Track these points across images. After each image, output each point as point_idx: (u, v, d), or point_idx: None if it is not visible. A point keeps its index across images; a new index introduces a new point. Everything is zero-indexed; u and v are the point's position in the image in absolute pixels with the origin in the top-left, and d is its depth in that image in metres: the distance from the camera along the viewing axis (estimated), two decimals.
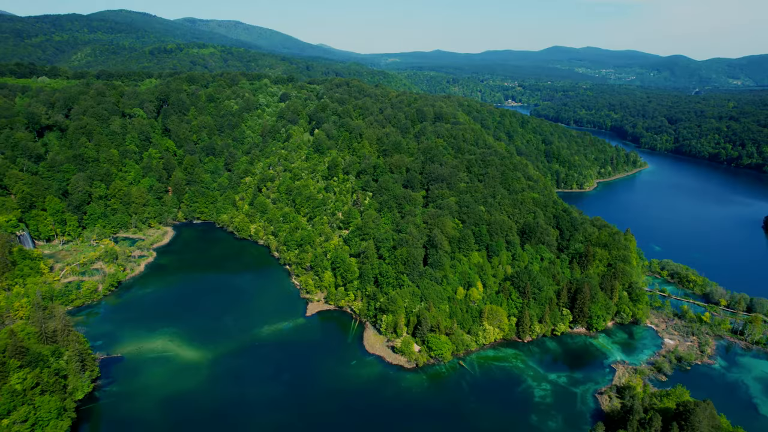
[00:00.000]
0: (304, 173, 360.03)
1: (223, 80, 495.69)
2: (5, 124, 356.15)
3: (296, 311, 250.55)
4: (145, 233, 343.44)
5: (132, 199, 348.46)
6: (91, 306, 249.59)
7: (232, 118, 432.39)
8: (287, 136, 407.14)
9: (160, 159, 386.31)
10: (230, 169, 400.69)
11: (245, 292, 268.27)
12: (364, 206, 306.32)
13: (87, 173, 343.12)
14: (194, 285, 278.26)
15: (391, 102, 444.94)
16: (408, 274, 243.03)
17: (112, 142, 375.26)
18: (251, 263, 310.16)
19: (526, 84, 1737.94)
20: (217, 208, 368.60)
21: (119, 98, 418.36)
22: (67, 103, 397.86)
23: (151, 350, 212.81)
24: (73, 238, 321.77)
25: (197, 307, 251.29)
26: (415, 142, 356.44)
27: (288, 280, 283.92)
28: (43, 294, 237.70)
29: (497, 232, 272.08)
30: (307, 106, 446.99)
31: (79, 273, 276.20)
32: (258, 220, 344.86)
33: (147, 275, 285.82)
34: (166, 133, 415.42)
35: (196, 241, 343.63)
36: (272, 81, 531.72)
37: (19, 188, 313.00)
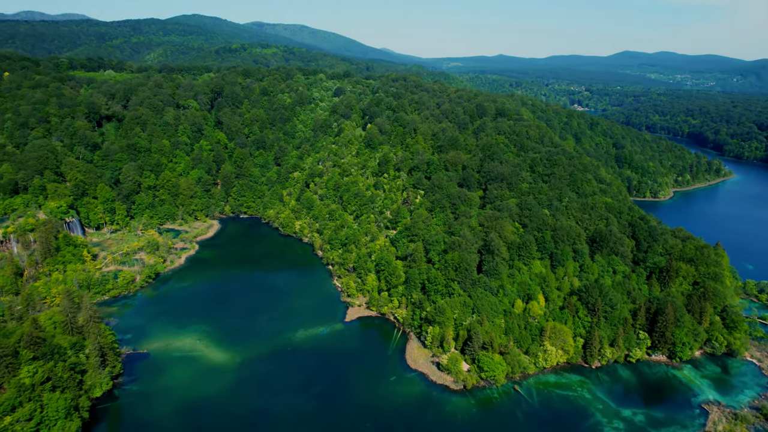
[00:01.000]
0: (353, 169, 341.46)
1: (278, 74, 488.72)
2: (67, 114, 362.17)
3: (335, 316, 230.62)
4: (191, 225, 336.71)
5: (180, 191, 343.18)
6: (127, 297, 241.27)
7: (284, 112, 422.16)
8: (339, 130, 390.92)
9: (210, 151, 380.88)
10: (279, 164, 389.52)
11: (283, 292, 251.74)
12: (415, 205, 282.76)
13: (138, 163, 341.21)
14: (232, 281, 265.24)
15: (449, 97, 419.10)
16: (459, 282, 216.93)
17: (164, 132, 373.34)
18: (293, 261, 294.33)
19: (593, 88, 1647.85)
20: (264, 203, 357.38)
21: (175, 90, 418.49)
22: (127, 94, 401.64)
23: (178, 348, 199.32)
24: (121, 228, 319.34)
25: (232, 304, 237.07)
26: (473, 138, 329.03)
27: (329, 281, 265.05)
28: (80, 282, 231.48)
29: (563, 239, 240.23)
30: (361, 101, 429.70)
31: (120, 263, 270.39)
32: (304, 216, 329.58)
33: (186, 268, 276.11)
34: (219, 125, 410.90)
35: (240, 235, 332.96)
36: (328, 76, 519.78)
37: (73, 175, 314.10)
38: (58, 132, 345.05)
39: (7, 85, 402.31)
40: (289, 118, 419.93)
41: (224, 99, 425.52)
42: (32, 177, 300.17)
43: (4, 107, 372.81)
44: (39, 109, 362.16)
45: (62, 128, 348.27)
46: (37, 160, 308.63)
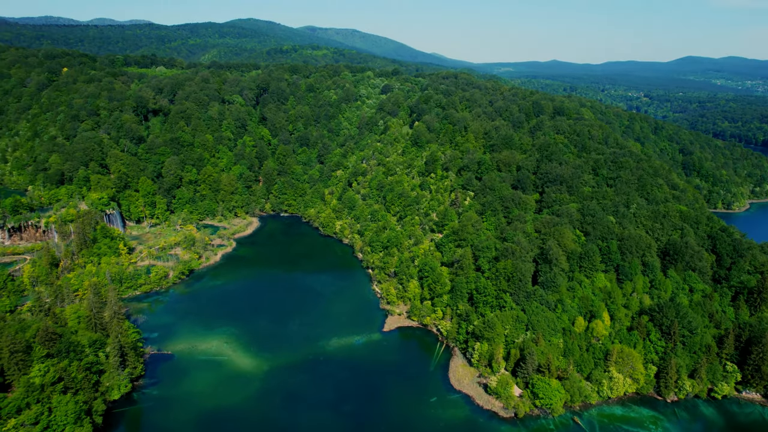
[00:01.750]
0: (398, 168, 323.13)
1: (325, 71, 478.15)
2: (116, 107, 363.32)
3: (372, 324, 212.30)
4: (230, 222, 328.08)
5: (221, 186, 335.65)
6: (159, 293, 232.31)
7: (329, 109, 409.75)
8: (385, 128, 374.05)
9: (253, 147, 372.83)
10: (322, 161, 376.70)
11: (319, 295, 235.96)
12: (464, 207, 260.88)
13: (180, 157, 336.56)
14: (267, 281, 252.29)
15: (503, 95, 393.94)
16: (512, 294, 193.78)
17: (208, 127, 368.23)
18: (332, 263, 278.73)
19: (653, 94, 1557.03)
20: (305, 202, 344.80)
21: (221, 85, 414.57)
22: (174, 88, 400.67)
23: (204, 351, 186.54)
24: (161, 222, 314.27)
25: (264, 306, 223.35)
26: (529, 137, 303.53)
27: (368, 286, 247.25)
28: (113, 276, 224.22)
29: (631, 250, 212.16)
30: (409, 98, 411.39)
31: (155, 257, 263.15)
32: (345, 216, 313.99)
33: (221, 266, 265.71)
34: (263, 121, 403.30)
35: (279, 234, 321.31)
36: (376, 74, 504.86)
37: (116, 167, 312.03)
38: (106, 125, 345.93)
39: (64, 79, 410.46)
40: (334, 115, 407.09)
41: (270, 95, 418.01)
42: (77, 168, 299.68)
43: (59, 100, 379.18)
44: (90, 103, 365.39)
45: (110, 121, 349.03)
46: (84, 151, 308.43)
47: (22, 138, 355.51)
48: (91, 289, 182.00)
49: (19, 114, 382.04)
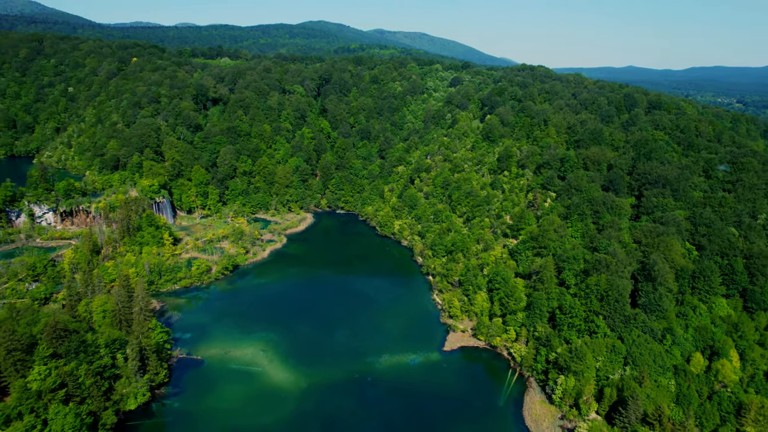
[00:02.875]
0: (467, 164, 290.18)
1: (391, 63, 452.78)
2: (176, 95, 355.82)
3: (431, 341, 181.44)
4: (283, 217, 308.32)
5: (276, 179, 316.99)
6: (199, 289, 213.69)
7: (394, 101, 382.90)
8: (453, 121, 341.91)
9: (311, 139, 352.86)
10: (383, 156, 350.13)
11: (372, 303, 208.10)
12: (544, 210, 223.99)
13: (236, 147, 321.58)
14: (315, 283, 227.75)
15: (587, 88, 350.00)
16: (606, 317, 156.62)
17: (266, 117, 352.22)
18: (387, 267, 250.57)
19: (747, 100, 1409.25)
20: (362, 198, 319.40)
21: (283, 75, 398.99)
22: (235, 77, 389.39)
23: (237, 359, 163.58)
24: (212, 213, 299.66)
25: (310, 311, 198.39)
26: (621, 132, 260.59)
27: (428, 295, 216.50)
28: (152, 267, 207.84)
29: (763, 271, 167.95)
30: (480, 91, 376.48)
31: (201, 250, 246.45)
32: (405, 216, 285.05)
33: (268, 263, 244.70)
34: (323, 113, 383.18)
35: (333, 232, 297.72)
36: (444, 67, 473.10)
37: (171, 155, 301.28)
38: (164, 112, 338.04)
39: (132, 68, 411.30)
40: (398, 108, 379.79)
41: (332, 85, 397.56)
42: (132, 154, 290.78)
43: (124, 88, 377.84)
44: (152, 90, 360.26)
45: (169, 108, 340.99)
46: (140, 137, 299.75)
47: (87, 124, 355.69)
48: (120, 281, 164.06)
49: (88, 101, 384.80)
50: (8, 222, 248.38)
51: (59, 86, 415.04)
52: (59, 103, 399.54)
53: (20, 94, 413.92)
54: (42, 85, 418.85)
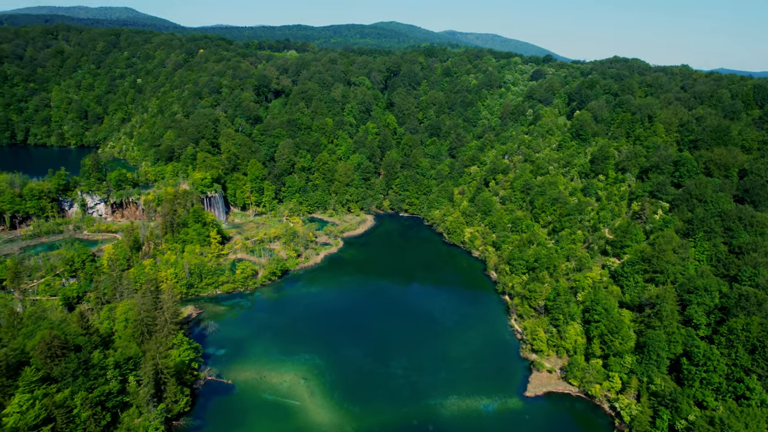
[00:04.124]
0: (552, 166, 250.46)
1: (465, 55, 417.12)
2: (237, 85, 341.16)
3: (509, 381, 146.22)
4: (341, 218, 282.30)
5: (336, 176, 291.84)
6: (243, 295, 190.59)
7: (467, 95, 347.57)
8: (535, 118, 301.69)
9: (376, 135, 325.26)
10: (454, 155, 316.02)
11: (436, 325, 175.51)
12: (654, 223, 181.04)
13: (296, 140, 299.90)
14: (372, 296, 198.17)
15: (698, 80, 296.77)
16: (761, 376, 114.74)
17: (329, 110, 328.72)
18: (455, 281, 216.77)
19: None
20: (429, 201, 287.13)
21: (349, 66, 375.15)
22: (299, 69, 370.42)
23: (274, 387, 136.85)
24: (266, 211, 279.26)
25: (364, 331, 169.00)
26: (755, 130, 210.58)
27: (504, 319, 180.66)
28: (192, 268, 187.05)
29: None
30: (567, 84, 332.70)
31: (249, 251, 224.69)
32: (477, 222, 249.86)
33: (321, 269, 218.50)
34: (390, 107, 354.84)
35: (395, 236, 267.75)
36: (524, 60, 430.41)
37: (227, 147, 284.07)
38: (224, 102, 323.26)
39: (197, 59, 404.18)
40: (472, 103, 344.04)
41: (400, 78, 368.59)
42: (187, 145, 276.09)
43: (188, 79, 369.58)
44: (214, 81, 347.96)
45: (230, 99, 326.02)
46: (197, 128, 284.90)
47: (149, 114, 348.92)
48: (146, 285, 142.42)
49: (153, 92, 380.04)
50: (60, 212, 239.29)
51: (129, 78, 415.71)
52: (128, 94, 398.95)
53: (94, 86, 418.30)
54: (114, 77, 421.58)
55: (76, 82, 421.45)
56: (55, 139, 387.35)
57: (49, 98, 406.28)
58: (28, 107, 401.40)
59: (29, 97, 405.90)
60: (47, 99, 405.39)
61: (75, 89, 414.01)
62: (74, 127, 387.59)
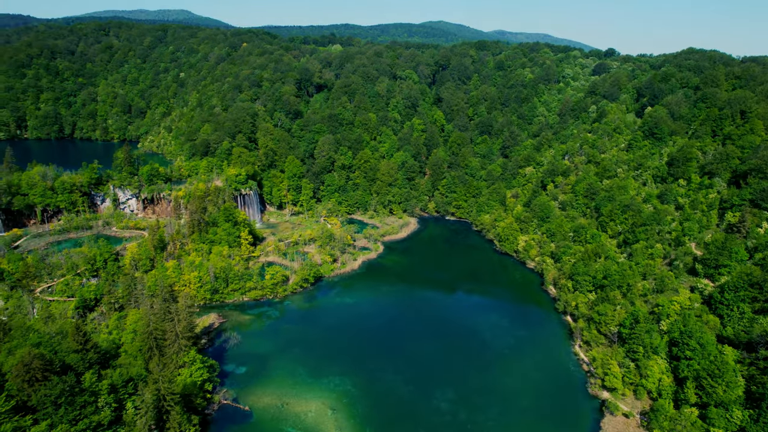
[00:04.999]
0: (620, 168, 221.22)
1: (519, 48, 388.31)
2: (278, 78, 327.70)
3: (576, 424, 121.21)
4: (382, 220, 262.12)
5: (378, 175, 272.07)
6: (272, 303, 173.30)
7: (522, 90, 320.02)
8: (599, 114, 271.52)
9: (422, 132, 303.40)
10: (507, 155, 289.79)
11: (486, 348, 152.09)
12: (759, 239, 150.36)
13: (337, 137, 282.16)
14: (414, 310, 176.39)
15: None
16: None
17: (373, 105, 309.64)
18: (508, 296, 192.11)
19: None
20: (478, 204, 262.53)
21: (395, 60, 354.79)
22: (343, 62, 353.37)
23: (296, 417, 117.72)
24: (304, 210, 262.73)
25: (403, 352, 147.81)
26: None
27: (567, 345, 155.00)
28: (217, 272, 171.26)
29: None
30: (635, 78, 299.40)
31: (282, 253, 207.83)
32: (533, 230, 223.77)
33: (358, 276, 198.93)
34: (438, 103, 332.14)
35: (440, 242, 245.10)
36: (584, 54, 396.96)
37: (264, 142, 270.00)
38: (264, 96, 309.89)
39: (240, 53, 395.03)
40: (527, 99, 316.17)
41: (449, 71, 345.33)
42: (223, 139, 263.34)
43: (229, 72, 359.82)
44: (255, 74, 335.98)
45: (270, 93, 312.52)
46: (234, 122, 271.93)
47: (188, 108, 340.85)
48: (160, 292, 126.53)
49: (195, 86, 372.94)
50: (92, 206, 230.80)
51: (173, 72, 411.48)
52: (170, 88, 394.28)
53: (138, 81, 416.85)
54: (158, 71, 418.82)
55: (122, 77, 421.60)
56: (99, 133, 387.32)
57: (96, 92, 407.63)
58: (76, 101, 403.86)
59: (78, 92, 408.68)
60: (94, 93, 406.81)
61: (121, 84, 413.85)
62: (118, 122, 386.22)
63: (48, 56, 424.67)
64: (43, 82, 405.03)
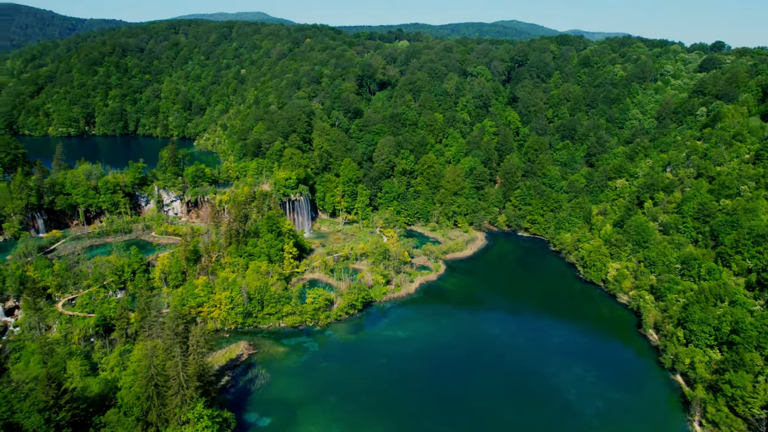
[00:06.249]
0: (745, 185, 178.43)
1: (608, 43, 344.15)
2: (338, 75, 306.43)
3: None
4: (445, 233, 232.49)
5: (442, 182, 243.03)
6: (311, 332, 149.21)
7: (612, 89, 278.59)
8: (711, 119, 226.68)
9: (494, 135, 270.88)
10: (593, 164, 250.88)
11: (569, 414, 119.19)
12: None
13: (398, 138, 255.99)
14: (478, 351, 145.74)
15: None
16: None
17: (439, 104, 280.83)
18: (595, 339, 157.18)
19: None
20: (557, 221, 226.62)
21: (466, 55, 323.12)
22: (408, 58, 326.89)
23: None
24: (359, 219, 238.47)
25: (464, 409, 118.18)
26: None
27: (680, 419, 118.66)
28: (251, 293, 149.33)
29: None
30: (760, 74, 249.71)
31: (329, 270, 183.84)
32: (626, 256, 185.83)
33: (414, 302, 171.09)
34: (513, 102, 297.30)
35: (511, 262, 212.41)
36: (685, 49, 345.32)
37: (319, 143, 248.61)
38: (322, 93, 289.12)
39: (302, 49, 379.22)
40: (618, 99, 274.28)
41: (526, 68, 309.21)
42: (275, 139, 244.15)
43: (289, 68, 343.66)
44: (316, 70, 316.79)
45: (329, 90, 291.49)
46: (288, 120, 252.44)
47: (245, 105, 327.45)
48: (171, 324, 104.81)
49: (254, 83, 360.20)
50: (136, 207, 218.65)
51: (234, 68, 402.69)
52: (230, 85, 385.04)
53: (201, 77, 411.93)
54: (220, 67, 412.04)
55: (186, 74, 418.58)
56: (159, 130, 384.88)
57: (160, 89, 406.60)
58: (141, 98, 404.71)
59: (143, 89, 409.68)
60: (158, 90, 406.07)
61: (183, 80, 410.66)
62: (178, 119, 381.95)
63: (119, 54, 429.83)
64: (113, 79, 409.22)
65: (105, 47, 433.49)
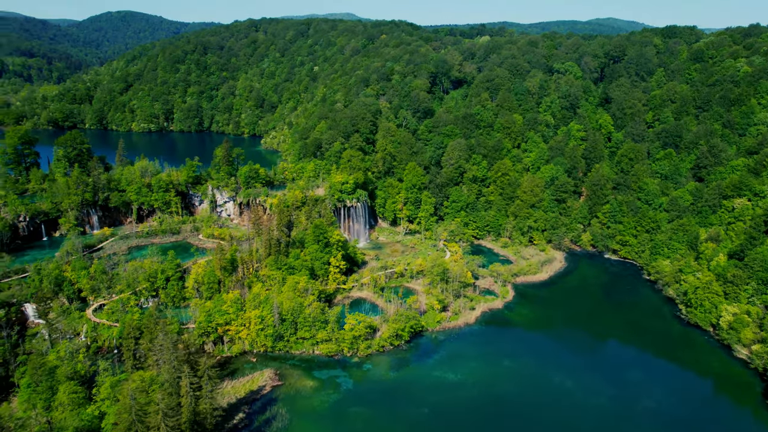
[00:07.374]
0: None
1: (728, 34, 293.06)
2: (410, 71, 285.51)
3: None
4: (518, 251, 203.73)
5: (518, 193, 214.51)
6: (347, 364, 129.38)
7: (732, 89, 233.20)
8: None
9: (581, 141, 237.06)
10: (702, 178, 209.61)
11: None
12: None
13: (470, 141, 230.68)
14: (548, 408, 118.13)
15: None
16: None
17: (519, 104, 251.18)
18: (700, 403, 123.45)
19: None
20: (654, 244, 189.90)
21: (553, 50, 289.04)
22: (488, 53, 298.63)
23: None
24: (421, 230, 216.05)
25: None
26: None
27: None
28: (284, 312, 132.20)
29: None
30: None
31: (379, 289, 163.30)
32: (745, 297, 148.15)
33: (472, 336, 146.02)
34: (605, 103, 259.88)
35: (595, 292, 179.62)
36: None
37: (382, 145, 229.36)
38: (391, 91, 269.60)
39: (376, 45, 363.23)
40: (740, 99, 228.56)
41: (623, 65, 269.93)
42: (335, 139, 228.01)
43: (361, 64, 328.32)
44: (387, 66, 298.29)
45: (398, 87, 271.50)
46: (351, 119, 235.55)
47: (312, 103, 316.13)
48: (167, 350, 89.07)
49: (325, 80, 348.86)
50: (189, 207, 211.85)
51: (308, 65, 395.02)
52: (302, 82, 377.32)
53: (275, 74, 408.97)
54: (294, 64, 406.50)
55: (261, 71, 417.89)
56: (231, 127, 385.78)
57: (236, 86, 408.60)
58: (217, 95, 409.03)
59: (220, 85, 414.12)
60: (233, 87, 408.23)
61: (258, 77, 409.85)
62: (250, 116, 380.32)
63: (200, 52, 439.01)
64: (192, 76, 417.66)
65: (188, 45, 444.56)
